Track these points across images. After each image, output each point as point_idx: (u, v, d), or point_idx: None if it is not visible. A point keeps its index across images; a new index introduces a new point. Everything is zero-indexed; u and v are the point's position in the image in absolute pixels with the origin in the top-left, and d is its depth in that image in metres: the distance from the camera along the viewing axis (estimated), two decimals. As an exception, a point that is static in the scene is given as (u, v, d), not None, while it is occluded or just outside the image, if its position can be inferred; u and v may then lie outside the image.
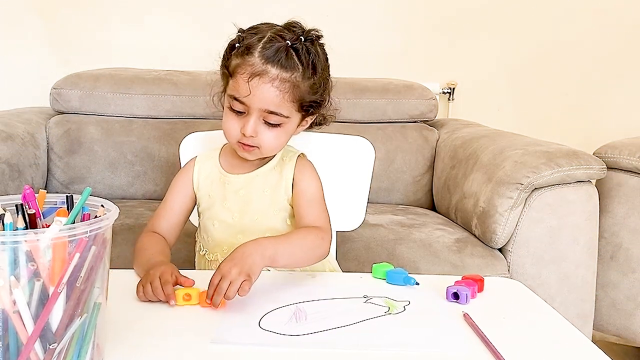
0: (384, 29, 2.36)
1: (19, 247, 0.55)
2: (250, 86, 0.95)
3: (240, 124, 0.98)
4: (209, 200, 1.07)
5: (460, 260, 1.47)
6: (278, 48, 0.95)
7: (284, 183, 1.05)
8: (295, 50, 0.96)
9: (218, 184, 1.07)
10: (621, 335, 1.62)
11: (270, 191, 1.05)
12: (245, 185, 1.06)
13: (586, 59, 2.42)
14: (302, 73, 0.96)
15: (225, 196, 1.06)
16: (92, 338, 0.61)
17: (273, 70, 0.95)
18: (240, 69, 0.96)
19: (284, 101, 0.96)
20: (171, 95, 1.98)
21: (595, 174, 1.49)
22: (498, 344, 0.70)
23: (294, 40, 0.96)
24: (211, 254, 1.07)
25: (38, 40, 2.31)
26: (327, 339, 0.72)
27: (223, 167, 1.08)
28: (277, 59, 0.94)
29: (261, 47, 0.95)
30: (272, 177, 1.06)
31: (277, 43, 0.95)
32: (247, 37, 0.98)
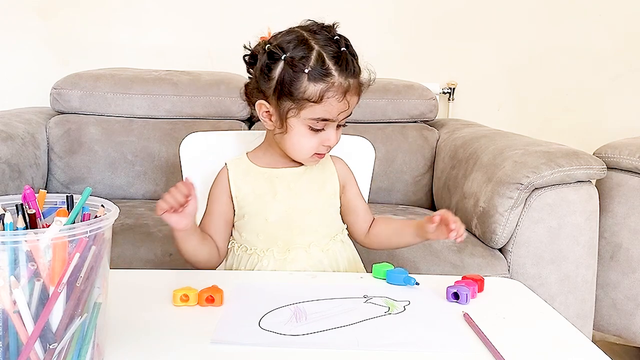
0: (384, 29, 2.37)
1: (19, 247, 0.55)
2: (345, 103, 0.99)
3: (318, 138, 1.01)
4: (257, 198, 1.07)
5: (460, 260, 1.47)
6: (346, 59, 0.98)
7: (330, 177, 1.10)
8: (351, 53, 1.00)
9: (264, 180, 1.08)
10: (621, 335, 1.62)
11: (317, 184, 1.09)
12: (295, 178, 1.08)
13: (586, 59, 2.42)
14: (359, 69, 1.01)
15: (275, 190, 1.07)
16: (92, 338, 0.61)
17: (353, 81, 1.00)
18: (329, 93, 0.97)
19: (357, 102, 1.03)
20: (171, 95, 1.98)
21: (595, 174, 1.49)
22: (498, 344, 0.70)
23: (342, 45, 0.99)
24: (262, 250, 1.06)
25: (38, 40, 2.31)
26: (327, 339, 0.72)
27: (261, 165, 1.09)
28: (352, 69, 0.99)
29: (333, 64, 0.97)
30: (315, 171, 1.10)
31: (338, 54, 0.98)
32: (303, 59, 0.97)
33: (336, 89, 0.97)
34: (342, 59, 0.98)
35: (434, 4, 2.38)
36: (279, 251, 1.05)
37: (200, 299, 0.81)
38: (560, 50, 2.41)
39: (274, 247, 1.05)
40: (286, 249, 1.05)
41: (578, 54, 2.42)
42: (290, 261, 1.04)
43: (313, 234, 1.06)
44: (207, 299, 0.81)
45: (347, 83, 0.98)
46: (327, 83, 0.96)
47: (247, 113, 2.05)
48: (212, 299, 0.81)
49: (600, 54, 2.42)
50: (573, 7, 2.40)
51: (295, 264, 1.04)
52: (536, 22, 2.40)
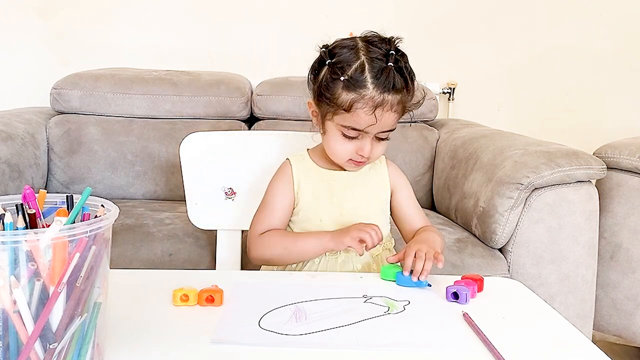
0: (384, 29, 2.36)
1: (19, 246, 0.55)
2: (376, 117, 0.98)
3: (352, 146, 1.02)
4: (314, 199, 1.09)
5: (461, 260, 1.47)
6: (387, 74, 0.97)
7: (382, 183, 1.11)
8: (399, 70, 0.99)
9: (321, 181, 1.09)
10: (621, 336, 1.62)
11: (372, 190, 1.10)
12: (350, 183, 1.09)
13: (586, 59, 2.42)
14: (407, 91, 1.00)
15: (332, 192, 1.08)
16: (92, 338, 0.61)
17: (389, 97, 0.98)
18: (358, 104, 0.98)
19: (396, 120, 1.01)
20: (171, 95, 1.98)
21: (595, 174, 1.49)
22: (498, 343, 0.70)
23: (391, 60, 0.99)
24: None
25: (38, 40, 2.31)
26: (327, 338, 0.72)
27: (320, 166, 1.11)
28: (390, 85, 0.97)
29: (372, 77, 0.97)
30: (370, 176, 1.11)
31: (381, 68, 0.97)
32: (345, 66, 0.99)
33: (366, 102, 0.97)
34: (383, 73, 0.97)
35: (434, 4, 2.38)
36: (330, 252, 1.06)
37: (200, 299, 0.81)
38: (560, 50, 2.41)
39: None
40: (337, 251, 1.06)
41: (578, 54, 2.42)
42: (341, 263, 1.06)
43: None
44: (207, 298, 0.81)
45: (381, 98, 0.97)
46: (358, 94, 0.97)
47: (247, 113, 2.05)
48: (212, 299, 0.81)
49: (600, 54, 2.42)
50: (573, 7, 2.40)
51: (346, 265, 1.06)
52: (536, 22, 2.40)
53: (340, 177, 1.09)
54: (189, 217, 1.30)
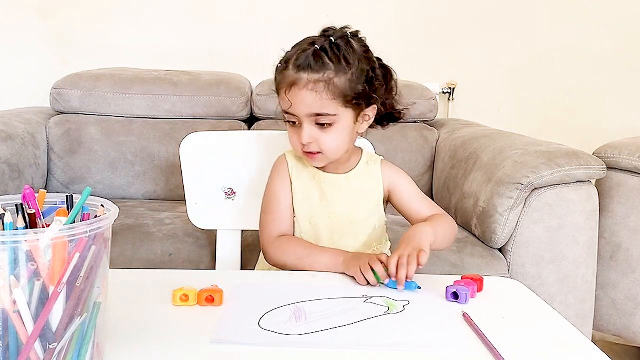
0: (384, 29, 2.37)
1: (19, 246, 0.55)
2: (289, 97, 0.99)
3: (298, 134, 1.02)
4: (305, 197, 1.09)
5: (460, 260, 1.47)
6: (307, 55, 0.98)
7: (375, 185, 1.10)
8: (324, 51, 0.99)
9: (312, 182, 1.09)
10: (621, 336, 1.62)
11: (364, 192, 1.09)
12: (340, 185, 1.08)
13: (586, 59, 2.42)
14: (335, 70, 0.98)
15: (321, 195, 1.08)
16: (92, 338, 0.61)
17: (305, 75, 0.98)
18: (281, 85, 1.01)
19: (323, 100, 0.98)
20: (171, 95, 1.98)
21: (595, 174, 1.49)
22: (497, 343, 0.70)
23: (322, 43, 0.99)
24: None
25: (38, 40, 2.31)
26: (327, 338, 0.72)
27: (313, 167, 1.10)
28: (307, 64, 0.98)
29: (295, 58, 0.99)
30: (363, 179, 1.10)
31: (307, 51, 0.99)
32: (287, 54, 1.02)
33: (284, 82, 1.00)
34: (304, 54, 0.98)
35: (434, 4, 2.38)
36: None
37: (200, 299, 0.81)
38: (560, 50, 2.41)
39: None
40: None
41: (578, 54, 2.42)
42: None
43: (353, 241, 1.07)
44: (207, 298, 0.81)
45: (296, 77, 0.98)
46: (282, 75, 1.01)
47: (247, 113, 2.05)
48: (212, 299, 0.81)
49: (600, 54, 2.42)
50: (573, 7, 2.40)
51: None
52: (536, 23, 2.40)
53: (330, 178, 1.09)
54: (189, 217, 1.30)
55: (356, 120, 1.04)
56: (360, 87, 1.01)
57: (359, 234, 1.09)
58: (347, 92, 1.00)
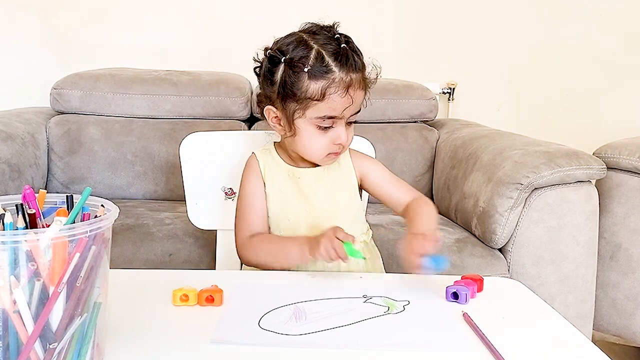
0: (384, 29, 2.37)
1: (19, 246, 0.55)
2: (349, 98, 0.98)
3: (328, 137, 1.01)
4: (280, 196, 1.07)
5: (460, 260, 1.47)
6: (346, 55, 0.98)
7: (348, 174, 1.09)
8: (353, 49, 1.00)
9: (287, 178, 1.08)
10: (621, 336, 1.62)
11: (338, 183, 1.08)
12: (315, 179, 1.08)
13: (586, 59, 2.42)
14: (363, 65, 1.00)
15: (298, 190, 1.07)
16: (92, 338, 0.61)
17: (355, 75, 0.98)
18: (331, 89, 0.97)
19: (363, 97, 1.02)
20: (171, 95, 1.98)
21: (595, 174, 1.49)
22: (497, 343, 0.70)
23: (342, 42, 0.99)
24: None
25: (38, 40, 2.31)
26: (327, 338, 0.72)
27: (287, 163, 1.09)
28: (351, 64, 0.98)
29: (333, 60, 0.97)
30: (335, 170, 1.09)
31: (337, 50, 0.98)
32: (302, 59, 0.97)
33: (338, 85, 0.97)
34: (341, 55, 0.97)
35: (434, 4, 2.38)
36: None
37: (200, 299, 0.81)
38: (559, 50, 2.41)
39: None
40: None
41: (578, 54, 2.42)
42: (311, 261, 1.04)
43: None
44: (207, 298, 0.81)
45: (349, 78, 0.97)
46: (328, 80, 0.96)
47: (247, 113, 2.05)
48: (212, 299, 0.81)
49: (600, 54, 2.42)
50: (573, 7, 2.40)
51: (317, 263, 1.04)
52: (536, 22, 2.40)
53: (305, 174, 1.08)
54: (189, 217, 1.30)
55: None
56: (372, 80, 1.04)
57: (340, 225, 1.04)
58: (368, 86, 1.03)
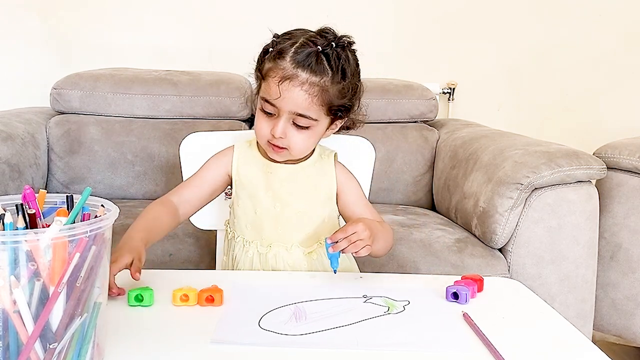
0: (384, 29, 2.37)
1: (19, 246, 0.55)
2: (280, 89, 0.97)
3: (271, 125, 1.01)
4: (250, 187, 1.08)
5: (461, 261, 1.47)
6: (309, 53, 0.97)
7: (327, 179, 1.08)
8: (326, 55, 0.98)
9: (260, 172, 1.08)
10: (621, 336, 1.62)
11: (313, 185, 1.07)
12: (289, 176, 1.07)
13: (586, 59, 2.42)
14: (332, 78, 0.98)
15: (268, 185, 1.07)
16: (92, 338, 0.61)
17: (303, 74, 0.96)
18: (272, 72, 0.98)
19: (312, 105, 0.98)
20: (171, 95, 1.98)
21: (595, 174, 1.49)
22: (498, 343, 0.70)
23: (324, 46, 0.98)
24: (248, 241, 1.08)
25: (38, 40, 2.31)
26: (327, 338, 0.72)
27: (264, 156, 1.10)
28: (308, 63, 0.96)
29: (293, 51, 0.97)
30: (314, 171, 1.08)
31: (308, 48, 0.97)
32: (280, 42, 1.00)
33: (278, 72, 0.97)
34: (305, 50, 0.97)
35: (434, 4, 2.38)
36: (262, 244, 1.06)
37: (200, 299, 0.81)
38: (560, 50, 2.41)
39: (258, 240, 1.07)
40: (268, 244, 1.06)
41: (578, 54, 2.42)
42: (271, 257, 1.06)
43: (298, 234, 1.06)
44: (207, 298, 0.81)
45: (293, 72, 0.96)
46: (276, 64, 0.98)
47: (247, 113, 2.05)
48: (212, 299, 0.81)
49: (600, 54, 2.42)
50: (573, 7, 2.40)
51: (277, 261, 1.06)
52: (536, 22, 2.40)
53: (279, 169, 1.08)
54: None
55: (328, 127, 1.05)
56: (347, 100, 1.02)
57: (305, 225, 1.07)
58: (334, 102, 1.00)
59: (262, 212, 1.07)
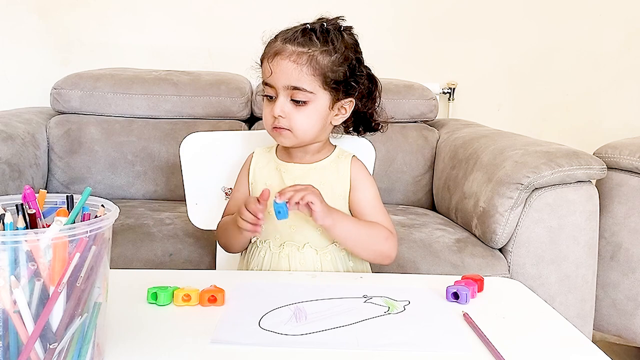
0: (384, 29, 2.37)
1: (19, 246, 0.55)
2: (271, 66, 1.01)
3: (272, 107, 1.03)
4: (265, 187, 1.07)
5: (461, 261, 1.47)
6: (297, 30, 1.02)
7: (341, 179, 1.08)
8: (313, 30, 1.02)
9: (275, 173, 1.10)
10: (621, 336, 1.62)
11: (327, 185, 1.06)
12: (302, 175, 1.08)
13: (586, 59, 2.42)
14: (320, 48, 1.01)
15: (282, 185, 1.07)
16: (92, 338, 0.61)
17: (291, 47, 1.01)
18: (265, 55, 1.04)
19: (303, 74, 1.00)
20: (171, 95, 1.98)
21: (595, 174, 1.49)
22: (498, 343, 0.70)
23: (313, 25, 1.03)
24: (264, 241, 1.08)
25: (38, 40, 2.31)
26: (327, 339, 0.72)
27: (280, 158, 1.11)
28: (294, 37, 1.01)
29: (283, 32, 1.03)
30: (328, 171, 1.08)
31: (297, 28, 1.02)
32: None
33: (269, 51, 1.03)
34: (294, 29, 1.02)
35: (434, 4, 2.38)
36: (275, 245, 1.06)
37: (202, 299, 0.81)
38: (560, 50, 2.41)
39: (272, 240, 1.07)
40: (280, 243, 1.06)
41: (578, 54, 2.42)
42: (284, 257, 1.05)
43: (310, 234, 1.06)
44: (209, 299, 0.81)
45: (281, 47, 1.01)
46: (269, 46, 1.04)
47: (247, 113, 2.05)
48: (215, 299, 0.81)
49: (600, 54, 2.42)
50: (573, 7, 2.40)
51: (290, 261, 1.05)
52: (536, 22, 2.40)
53: (292, 168, 1.08)
54: (189, 217, 1.30)
55: (332, 106, 1.04)
56: (342, 72, 1.02)
57: (317, 227, 1.05)
58: (328, 73, 1.01)
59: None
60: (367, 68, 1.10)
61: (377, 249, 1.04)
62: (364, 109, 1.10)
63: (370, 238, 1.03)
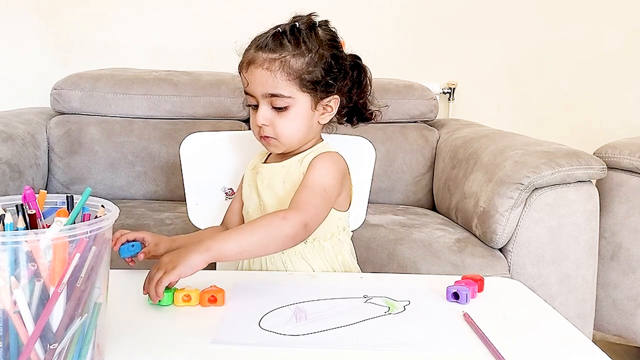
0: (384, 29, 2.37)
1: (19, 247, 0.55)
2: (246, 76, 1.01)
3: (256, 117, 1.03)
4: (248, 189, 1.12)
5: (461, 261, 1.47)
6: (267, 35, 1.01)
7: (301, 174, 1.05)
8: (284, 33, 1.01)
9: (254, 173, 1.12)
10: (622, 335, 1.62)
11: (289, 182, 1.05)
12: (270, 175, 1.08)
13: (586, 59, 2.42)
14: (292, 52, 1.00)
15: (256, 184, 1.09)
16: (92, 338, 0.61)
17: (262, 54, 1.00)
18: (240, 65, 1.04)
19: (277, 80, 0.99)
20: (171, 95, 1.98)
21: (595, 174, 1.49)
22: (498, 343, 0.70)
23: (285, 27, 1.01)
24: None
25: (38, 40, 2.31)
26: (327, 339, 0.72)
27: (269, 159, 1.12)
28: (265, 44, 1.00)
29: (257, 38, 1.03)
30: (294, 168, 1.06)
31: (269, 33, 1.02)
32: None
33: (244, 60, 1.03)
34: (265, 35, 1.01)
35: (435, 4, 2.38)
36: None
37: (203, 299, 0.81)
38: (560, 50, 2.41)
39: None
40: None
41: (578, 53, 2.42)
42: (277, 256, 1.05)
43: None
44: (210, 299, 0.81)
45: (253, 56, 1.00)
46: (244, 55, 1.04)
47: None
48: (215, 299, 0.81)
49: (600, 54, 2.42)
50: (573, 7, 2.40)
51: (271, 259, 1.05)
52: (536, 22, 2.40)
53: (265, 168, 1.09)
54: (189, 217, 1.30)
55: (315, 107, 1.03)
56: (318, 72, 1.00)
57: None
58: (304, 75, 0.99)
59: (252, 211, 1.09)
60: (352, 57, 1.07)
61: (278, 235, 0.90)
62: (357, 99, 1.09)
63: (266, 232, 0.89)
